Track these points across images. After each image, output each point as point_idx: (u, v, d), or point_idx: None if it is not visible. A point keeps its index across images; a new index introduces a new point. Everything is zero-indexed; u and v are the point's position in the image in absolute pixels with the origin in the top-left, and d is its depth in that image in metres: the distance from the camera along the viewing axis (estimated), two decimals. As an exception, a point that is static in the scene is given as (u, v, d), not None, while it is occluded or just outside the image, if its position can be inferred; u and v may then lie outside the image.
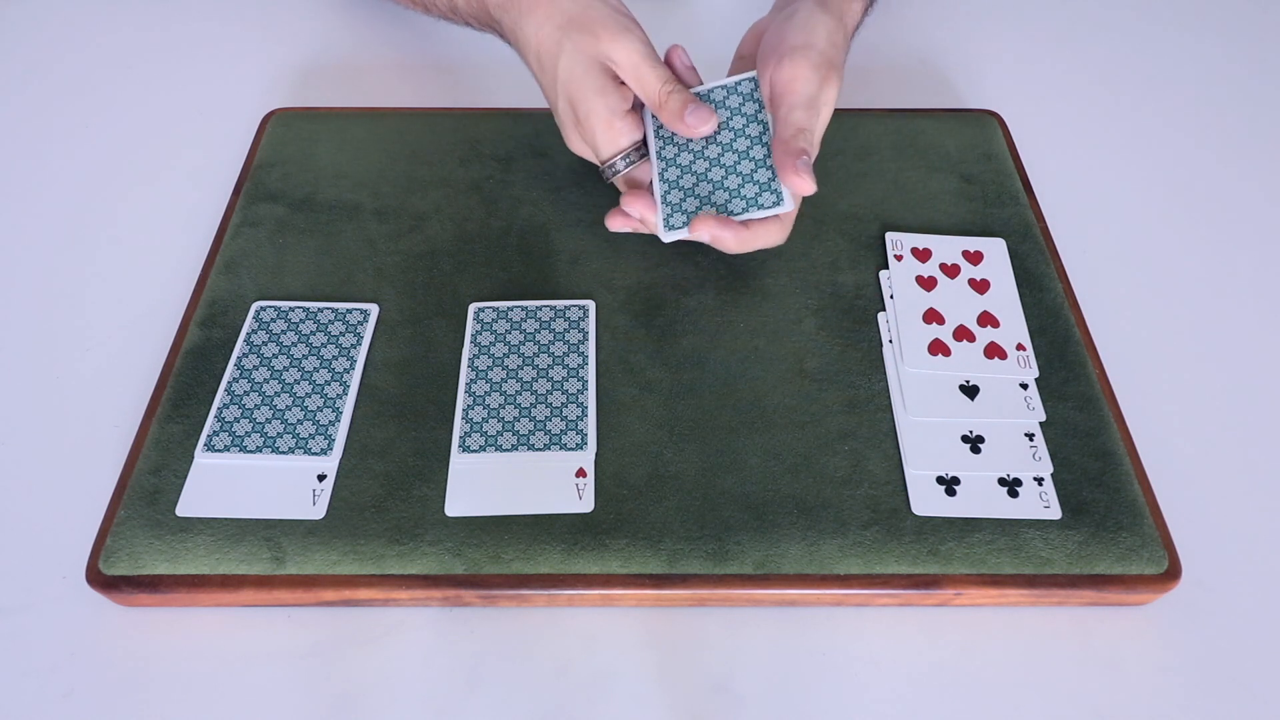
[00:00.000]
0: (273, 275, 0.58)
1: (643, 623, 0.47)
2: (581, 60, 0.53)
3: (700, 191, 0.54)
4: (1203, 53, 0.79)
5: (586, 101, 0.53)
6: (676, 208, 0.54)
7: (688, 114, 0.53)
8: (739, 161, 0.54)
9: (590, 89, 0.53)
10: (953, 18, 0.81)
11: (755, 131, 0.54)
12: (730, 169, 0.54)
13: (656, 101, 0.53)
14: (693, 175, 0.54)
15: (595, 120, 0.54)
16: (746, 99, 0.55)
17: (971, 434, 0.51)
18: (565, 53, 0.53)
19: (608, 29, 0.53)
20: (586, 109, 0.54)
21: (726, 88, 0.56)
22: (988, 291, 0.58)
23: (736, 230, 0.52)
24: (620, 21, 0.53)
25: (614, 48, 0.53)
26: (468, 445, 0.50)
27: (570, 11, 0.54)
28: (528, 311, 0.56)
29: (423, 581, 0.46)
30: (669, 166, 0.55)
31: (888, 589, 0.46)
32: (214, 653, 0.46)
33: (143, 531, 0.47)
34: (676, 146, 0.55)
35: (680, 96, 0.53)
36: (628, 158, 0.55)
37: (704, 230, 0.52)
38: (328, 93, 0.73)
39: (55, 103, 0.73)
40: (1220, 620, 0.48)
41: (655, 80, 0.53)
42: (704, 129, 0.53)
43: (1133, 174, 0.69)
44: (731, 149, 0.54)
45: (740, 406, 0.53)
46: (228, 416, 0.51)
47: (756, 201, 0.52)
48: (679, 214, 0.53)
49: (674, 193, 0.54)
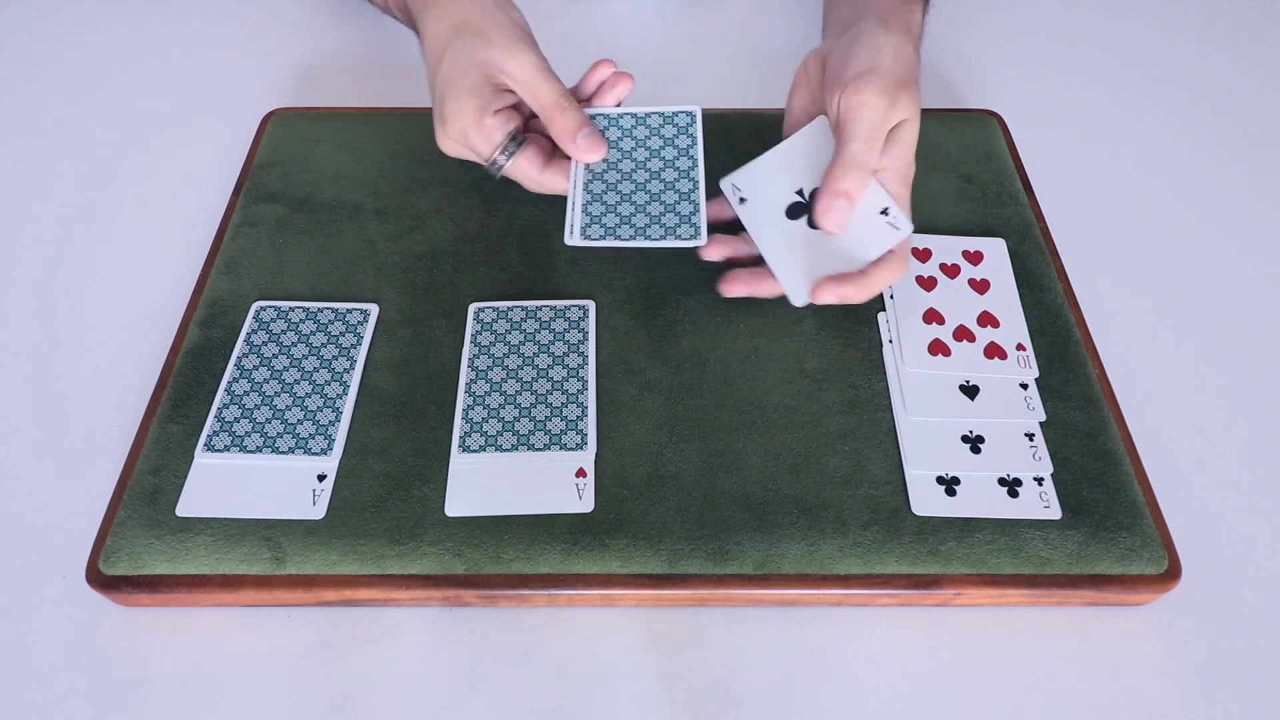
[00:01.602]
0: (273, 275, 0.58)
1: (643, 623, 0.47)
2: (464, 61, 0.52)
3: (622, 210, 0.53)
4: (1202, 53, 0.79)
5: (457, 100, 0.52)
6: (596, 220, 0.53)
7: (580, 136, 0.52)
8: (664, 191, 0.53)
9: (463, 88, 0.52)
10: (953, 18, 0.81)
11: (685, 165, 0.54)
12: (654, 196, 0.53)
13: (548, 115, 0.53)
14: (616, 193, 0.53)
15: (465, 118, 0.52)
16: (681, 131, 0.55)
17: (971, 434, 0.51)
18: (451, 50, 0.53)
19: (503, 38, 0.52)
20: (455, 108, 0.52)
21: (664, 115, 0.55)
22: (988, 291, 0.58)
23: (857, 280, 0.51)
24: (517, 34, 0.53)
25: (506, 57, 0.52)
26: (468, 445, 0.50)
27: (468, 14, 0.53)
28: (528, 311, 0.56)
29: (423, 581, 0.46)
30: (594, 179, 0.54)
31: (888, 589, 0.46)
32: (214, 653, 0.46)
33: (143, 531, 0.47)
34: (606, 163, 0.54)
35: (575, 117, 0.52)
36: (506, 150, 0.54)
37: (829, 295, 0.51)
38: (328, 93, 0.73)
39: (55, 102, 0.73)
40: (1220, 620, 0.48)
41: (550, 93, 0.52)
42: (592, 156, 0.53)
43: (1133, 174, 0.69)
44: (659, 178, 0.54)
45: (740, 406, 0.53)
46: (228, 416, 0.51)
47: (675, 232, 0.52)
48: (595, 225, 0.52)
49: (595, 205, 0.53)
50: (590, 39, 0.54)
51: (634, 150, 0.54)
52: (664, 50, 0.78)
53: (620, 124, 0.55)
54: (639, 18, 0.80)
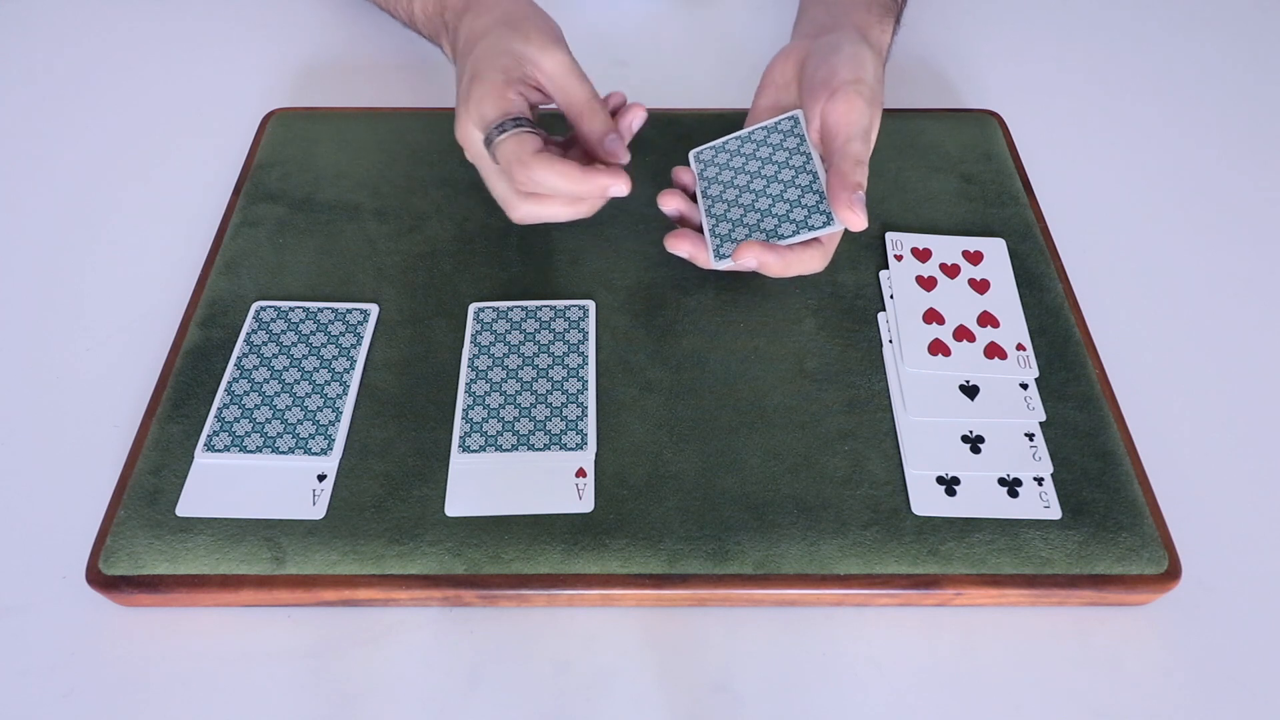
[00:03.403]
0: (273, 275, 0.58)
1: (643, 623, 0.47)
2: (499, 47, 0.53)
3: (749, 220, 0.54)
4: (1202, 53, 0.79)
5: (487, 74, 0.53)
6: (726, 237, 0.54)
7: (608, 140, 0.52)
8: (785, 190, 0.54)
9: (494, 67, 0.53)
10: (953, 18, 0.81)
11: (799, 162, 0.55)
12: (777, 197, 0.54)
13: (579, 113, 0.53)
14: (739, 207, 0.55)
15: (487, 84, 0.52)
16: (788, 135, 0.56)
17: (971, 434, 0.51)
18: (488, 39, 0.54)
19: (541, 36, 0.54)
20: (481, 88, 0.52)
21: (767, 128, 0.57)
22: (988, 291, 0.58)
23: (781, 254, 0.52)
24: (553, 34, 0.55)
25: (542, 54, 0.53)
26: (468, 445, 0.50)
27: (510, 12, 0.55)
28: (528, 311, 0.56)
29: (423, 581, 0.46)
30: (715, 202, 0.56)
31: (888, 589, 0.46)
32: (214, 653, 0.46)
33: (143, 531, 0.47)
34: (721, 185, 0.56)
35: (604, 120, 0.53)
36: (517, 121, 0.52)
37: (749, 256, 0.52)
38: (328, 93, 0.73)
39: (55, 102, 0.73)
40: (1220, 620, 0.48)
41: (582, 93, 0.53)
42: (617, 160, 0.53)
43: (1132, 174, 0.69)
44: (776, 180, 0.55)
45: (740, 406, 0.53)
46: (228, 416, 0.51)
47: (806, 224, 0.53)
48: (729, 243, 0.54)
49: (722, 224, 0.55)
50: (591, 39, 0.54)
51: (746, 165, 0.56)
52: (664, 50, 0.78)
53: (727, 148, 0.58)
54: (638, 17, 0.80)
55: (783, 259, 0.53)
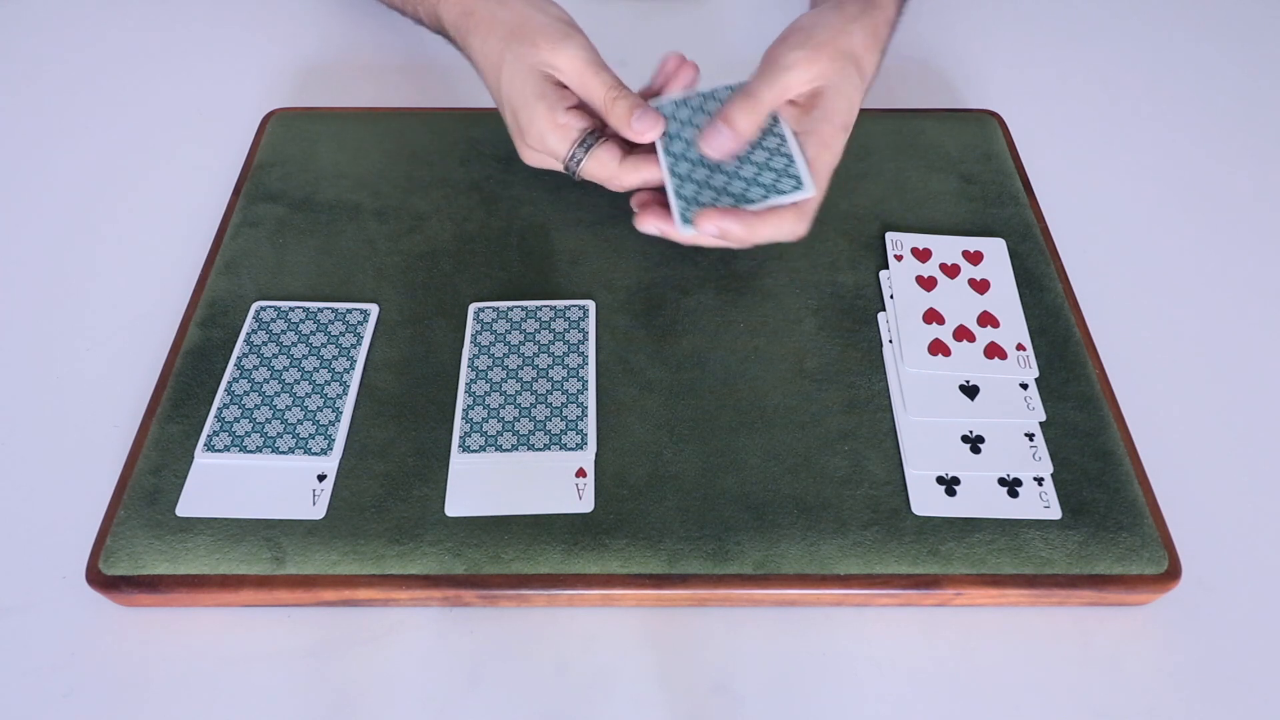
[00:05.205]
0: (273, 275, 0.58)
1: (643, 623, 0.47)
2: (522, 70, 0.53)
3: (715, 183, 0.52)
4: (1202, 53, 0.79)
5: (528, 108, 0.53)
6: (692, 201, 0.52)
7: (634, 119, 0.52)
8: (752, 151, 0.53)
9: (530, 94, 0.53)
10: (953, 18, 0.81)
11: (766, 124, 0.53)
12: (744, 159, 0.52)
13: (603, 107, 0.53)
14: (705, 168, 0.53)
15: (540, 122, 0.53)
16: None
17: (971, 434, 0.51)
18: (507, 64, 0.53)
19: (548, 38, 0.53)
20: (528, 115, 0.53)
21: (733, 86, 0.55)
22: (988, 291, 0.58)
23: (743, 218, 0.50)
24: (560, 29, 0.53)
25: (555, 56, 0.52)
26: (468, 445, 0.50)
27: (510, 24, 0.54)
28: (528, 311, 0.56)
29: (423, 581, 0.46)
30: (678, 160, 0.53)
31: (888, 589, 0.46)
32: (214, 653, 0.46)
33: (143, 531, 0.47)
34: (684, 141, 0.54)
35: (626, 102, 0.52)
36: (584, 144, 0.53)
37: (709, 223, 0.50)
38: (328, 93, 0.73)
39: (55, 102, 0.73)
40: (1220, 620, 0.48)
41: (600, 86, 0.52)
42: (650, 134, 0.53)
43: (1132, 174, 0.69)
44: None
45: (740, 406, 0.52)
46: (228, 416, 0.51)
47: (775, 188, 0.51)
48: (694, 206, 0.52)
49: (687, 186, 0.52)
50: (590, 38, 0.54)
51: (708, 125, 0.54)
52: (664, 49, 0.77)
53: (689, 104, 0.55)
54: (637, 17, 0.80)
55: (746, 224, 0.50)
